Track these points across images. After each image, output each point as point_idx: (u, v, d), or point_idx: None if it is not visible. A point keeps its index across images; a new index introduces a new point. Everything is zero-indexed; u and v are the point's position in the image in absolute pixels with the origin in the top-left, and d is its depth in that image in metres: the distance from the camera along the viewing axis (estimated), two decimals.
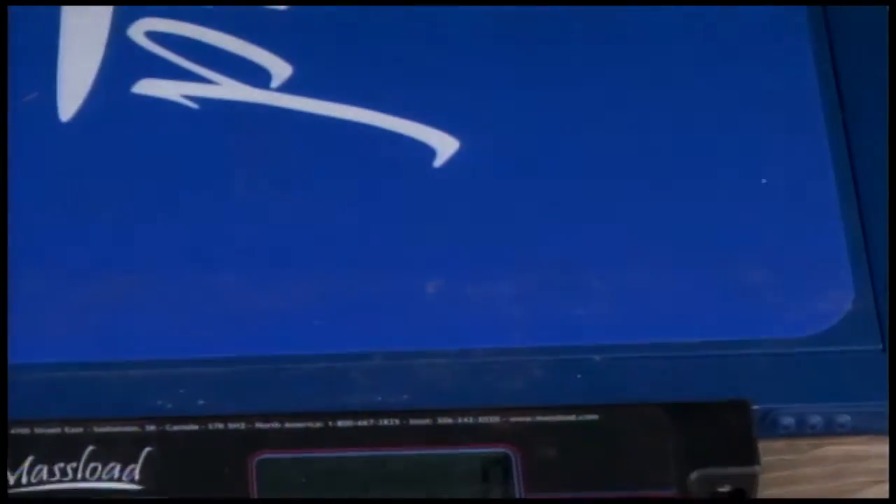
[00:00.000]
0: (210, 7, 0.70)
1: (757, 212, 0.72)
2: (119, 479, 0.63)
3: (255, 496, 0.65)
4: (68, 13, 0.72)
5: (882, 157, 0.75)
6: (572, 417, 0.64)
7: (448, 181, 0.69)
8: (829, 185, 0.73)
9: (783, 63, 0.79)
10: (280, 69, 0.70)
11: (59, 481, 0.64)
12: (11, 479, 0.66)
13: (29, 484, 0.63)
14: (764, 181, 0.71)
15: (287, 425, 0.64)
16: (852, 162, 0.75)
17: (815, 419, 0.65)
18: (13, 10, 0.73)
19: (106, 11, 0.73)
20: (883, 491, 0.66)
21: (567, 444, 0.64)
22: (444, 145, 0.69)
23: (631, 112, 0.74)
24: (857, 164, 0.75)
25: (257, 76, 0.70)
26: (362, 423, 0.63)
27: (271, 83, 0.69)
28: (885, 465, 0.66)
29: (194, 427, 0.64)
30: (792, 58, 0.80)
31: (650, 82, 0.75)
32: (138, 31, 0.71)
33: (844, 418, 0.65)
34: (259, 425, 0.64)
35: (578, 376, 0.65)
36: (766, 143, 0.74)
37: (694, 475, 0.64)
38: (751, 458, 0.65)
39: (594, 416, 0.65)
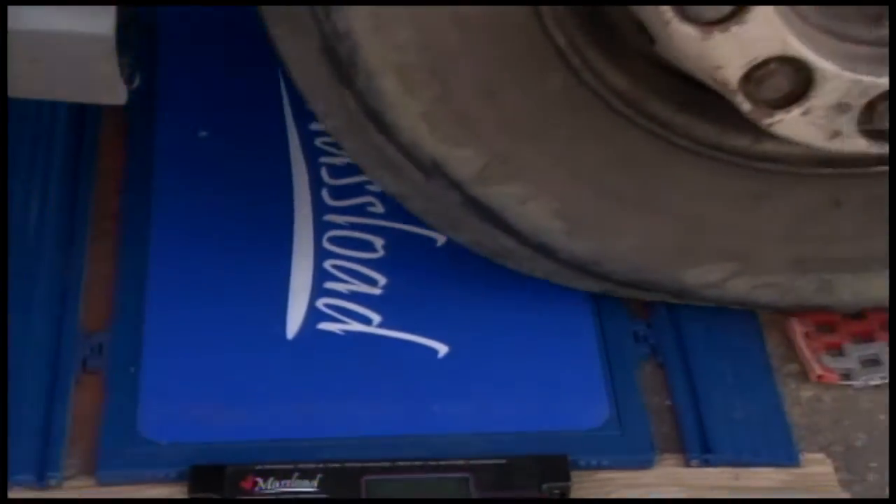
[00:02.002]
0: (351, 279, 1.02)
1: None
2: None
3: (365, 495, 0.89)
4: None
5: None
6: (497, 461, 0.91)
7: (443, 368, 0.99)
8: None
9: None
10: (375, 317, 1.01)
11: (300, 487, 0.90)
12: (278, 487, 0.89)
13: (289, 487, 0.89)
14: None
15: (377, 464, 0.91)
16: None
17: (594, 462, 0.91)
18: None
19: (305, 297, 1.01)
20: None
21: (494, 474, 0.90)
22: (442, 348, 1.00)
23: None
24: None
25: (365, 319, 1.01)
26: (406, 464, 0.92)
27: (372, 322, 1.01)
28: (629, 482, 0.90)
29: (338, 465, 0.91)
30: None
31: None
32: (321, 303, 1.00)
33: (605, 462, 0.91)
34: (366, 465, 0.91)
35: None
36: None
37: (545, 486, 0.90)
38: (567, 477, 0.90)
39: (504, 461, 0.91)
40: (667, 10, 0.82)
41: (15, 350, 0.97)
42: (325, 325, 1.01)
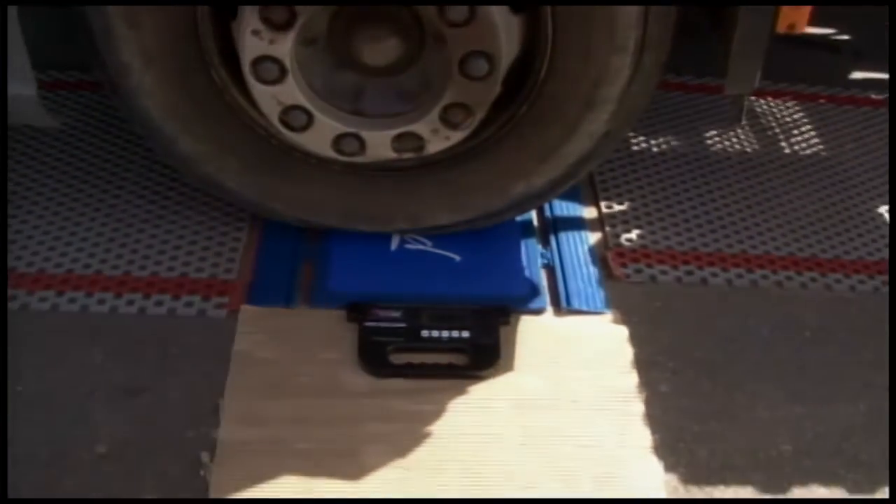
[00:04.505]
0: None
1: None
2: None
3: (426, 321, 1.70)
4: None
5: None
6: (477, 308, 1.73)
7: (457, 266, 1.82)
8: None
9: None
10: (429, 242, 1.83)
11: (394, 314, 1.72)
12: (385, 314, 1.72)
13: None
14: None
15: (428, 306, 1.74)
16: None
17: (520, 309, 1.74)
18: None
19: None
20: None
21: (476, 314, 1.72)
22: (456, 257, 1.81)
23: None
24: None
25: (423, 243, 1.82)
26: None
27: (427, 244, 1.83)
28: (534, 317, 1.74)
29: (412, 306, 1.75)
30: None
31: None
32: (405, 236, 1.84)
33: (524, 309, 1.74)
34: (422, 306, 1.74)
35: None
36: None
37: (500, 319, 1.71)
38: (508, 315, 1.71)
39: (480, 308, 1.73)
40: (249, 74, 1.51)
41: (278, 254, 1.89)
42: (407, 245, 1.94)
